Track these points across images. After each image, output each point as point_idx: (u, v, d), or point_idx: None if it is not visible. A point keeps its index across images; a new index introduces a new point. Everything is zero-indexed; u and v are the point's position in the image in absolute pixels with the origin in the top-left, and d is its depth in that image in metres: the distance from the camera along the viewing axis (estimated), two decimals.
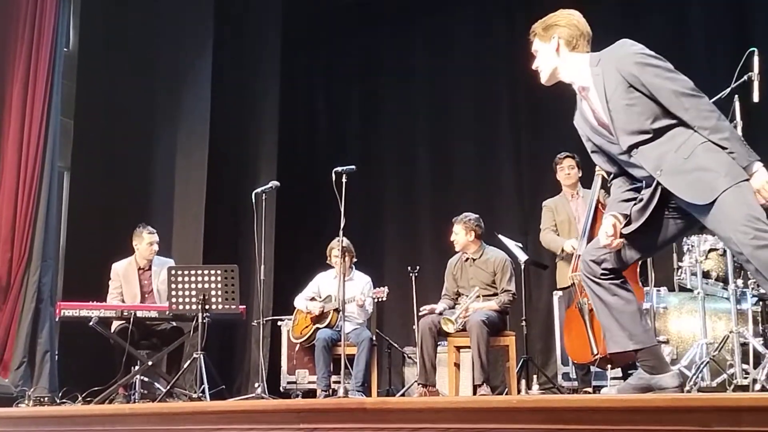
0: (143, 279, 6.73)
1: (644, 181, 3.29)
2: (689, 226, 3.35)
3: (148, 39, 8.48)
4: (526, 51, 8.67)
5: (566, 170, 6.15)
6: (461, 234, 6.23)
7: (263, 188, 6.28)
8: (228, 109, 8.49)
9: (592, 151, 3.49)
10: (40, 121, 6.99)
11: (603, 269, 3.30)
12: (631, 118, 3.20)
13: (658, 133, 3.17)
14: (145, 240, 6.68)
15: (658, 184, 3.19)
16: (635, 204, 3.30)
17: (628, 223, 3.29)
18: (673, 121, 3.17)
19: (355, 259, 6.82)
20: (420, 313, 6.05)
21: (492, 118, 8.66)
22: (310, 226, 8.40)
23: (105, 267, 6.77)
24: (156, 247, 6.72)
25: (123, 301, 6.59)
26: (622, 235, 3.28)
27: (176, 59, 8.49)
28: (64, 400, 6.10)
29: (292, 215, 8.42)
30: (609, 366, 5.40)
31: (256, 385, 5.98)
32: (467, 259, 6.26)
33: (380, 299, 6.62)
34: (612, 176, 3.48)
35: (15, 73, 7.10)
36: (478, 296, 6.03)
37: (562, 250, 5.94)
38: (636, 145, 3.21)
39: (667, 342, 5.00)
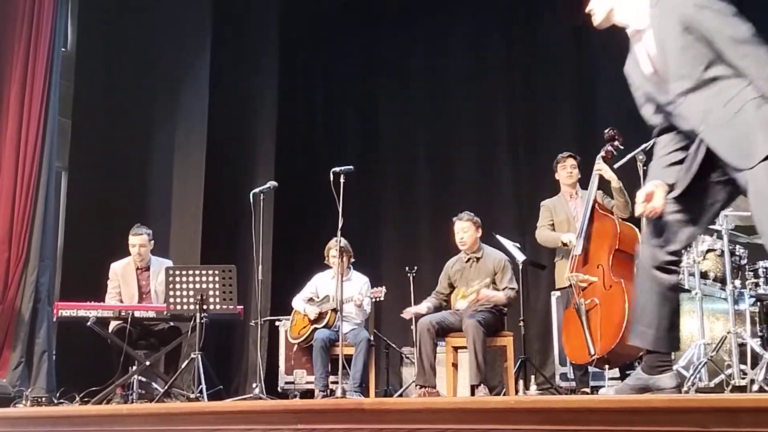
0: (141, 279, 6.71)
1: (691, 137, 3.14)
2: (736, 193, 3.17)
3: (147, 39, 8.48)
4: (525, 51, 8.70)
5: (568, 169, 6.15)
6: (470, 231, 6.20)
7: (261, 188, 6.27)
8: (226, 109, 8.49)
9: (641, 105, 3.35)
10: (38, 121, 6.99)
11: (668, 253, 3.17)
12: (683, 62, 3.07)
13: (709, 83, 3.03)
14: (130, 242, 6.65)
15: (702, 141, 3.04)
16: (682, 165, 3.14)
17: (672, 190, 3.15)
18: (728, 72, 3.02)
19: (352, 260, 6.82)
20: (402, 315, 6.04)
21: (490, 119, 8.66)
22: (308, 226, 8.39)
23: (103, 267, 6.76)
24: (140, 251, 6.62)
25: (121, 301, 6.58)
26: (681, 205, 3.10)
27: (175, 59, 8.49)
28: (61, 401, 6.09)
29: (291, 215, 8.41)
30: (606, 366, 5.40)
31: (254, 385, 5.97)
32: (468, 259, 6.24)
33: (378, 299, 6.62)
34: (658, 132, 3.33)
35: (13, 73, 7.11)
36: (487, 285, 6.01)
37: (562, 243, 5.93)
38: (684, 93, 3.07)
39: None
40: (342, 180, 5.40)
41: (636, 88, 3.35)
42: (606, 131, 5.87)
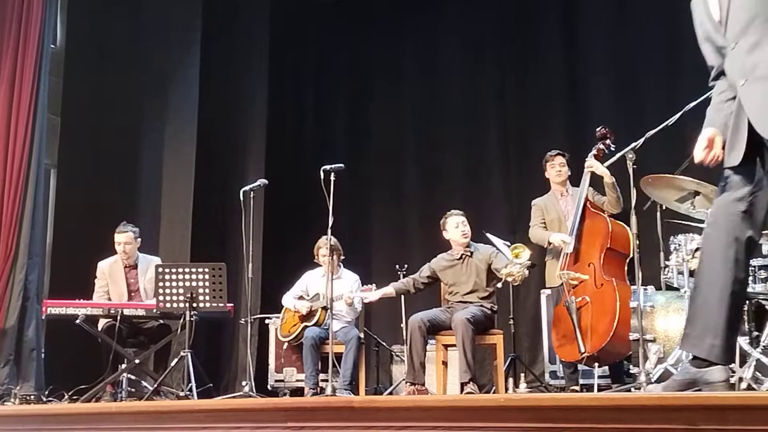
0: (129, 277, 6.69)
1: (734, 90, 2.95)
2: None
3: (136, 36, 8.44)
4: (516, 49, 8.69)
5: (557, 167, 6.16)
6: (468, 227, 6.23)
7: (251, 186, 6.26)
8: (216, 106, 8.47)
9: (702, 40, 3.15)
10: (27, 118, 6.94)
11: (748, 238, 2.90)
12: (749, 2, 2.89)
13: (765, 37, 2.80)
14: (116, 240, 6.62)
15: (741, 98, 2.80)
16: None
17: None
18: None
19: (342, 257, 6.81)
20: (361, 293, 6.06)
21: (480, 117, 8.67)
22: (298, 224, 8.38)
23: (92, 264, 6.74)
24: (125, 248, 6.60)
25: (109, 300, 6.56)
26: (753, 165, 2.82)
27: (164, 56, 8.46)
28: (50, 399, 6.07)
29: (281, 213, 8.40)
30: (596, 364, 5.42)
31: (244, 383, 5.97)
32: (461, 255, 6.22)
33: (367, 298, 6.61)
34: (715, 74, 3.13)
35: (1, 70, 7.06)
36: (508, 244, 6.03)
37: (548, 243, 5.95)
38: (740, 35, 2.89)
39: (653, 340, 5.02)
40: (332, 178, 5.40)
41: (699, 23, 3.17)
42: (598, 129, 5.89)
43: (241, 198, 6.19)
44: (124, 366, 6.28)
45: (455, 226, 6.21)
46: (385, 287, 6.31)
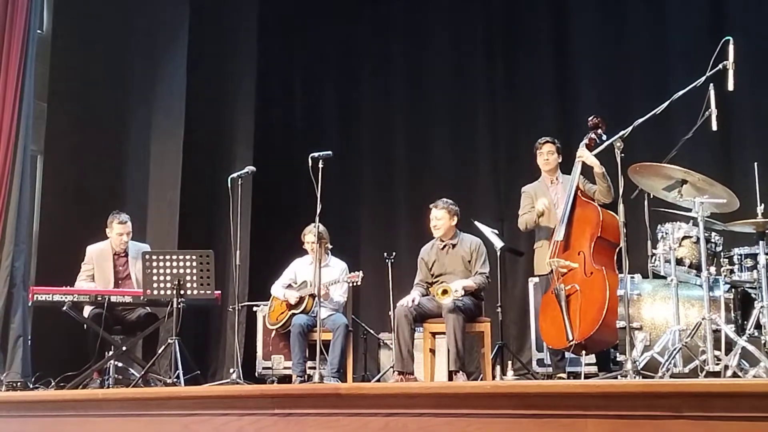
0: (118, 264, 6.67)
1: None
2: None
3: (123, 22, 8.38)
4: (505, 37, 8.66)
5: (545, 155, 6.14)
6: (444, 219, 6.19)
7: (239, 173, 6.24)
8: (204, 92, 8.43)
9: None
10: (13, 104, 6.89)
11: None
12: None
13: None
14: (115, 230, 6.62)
15: None
16: None
17: None
18: None
19: (329, 246, 6.80)
20: (399, 305, 6.03)
21: (469, 105, 8.66)
22: (286, 211, 8.36)
23: (78, 251, 6.71)
24: (126, 238, 6.63)
25: (94, 284, 6.53)
26: None
27: (152, 43, 8.41)
28: (37, 386, 6.06)
29: (268, 200, 8.38)
30: (583, 352, 5.44)
31: (231, 370, 5.95)
32: (444, 246, 6.24)
33: (355, 284, 6.61)
34: None
35: None
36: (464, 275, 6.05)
37: (539, 217, 5.93)
38: None
39: (640, 328, 5.03)
40: (320, 165, 5.38)
41: None
42: (590, 118, 5.89)
43: (229, 185, 6.16)
44: (111, 353, 6.26)
45: (430, 220, 6.25)
46: (411, 295, 6.18)
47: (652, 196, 4.93)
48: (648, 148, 6.13)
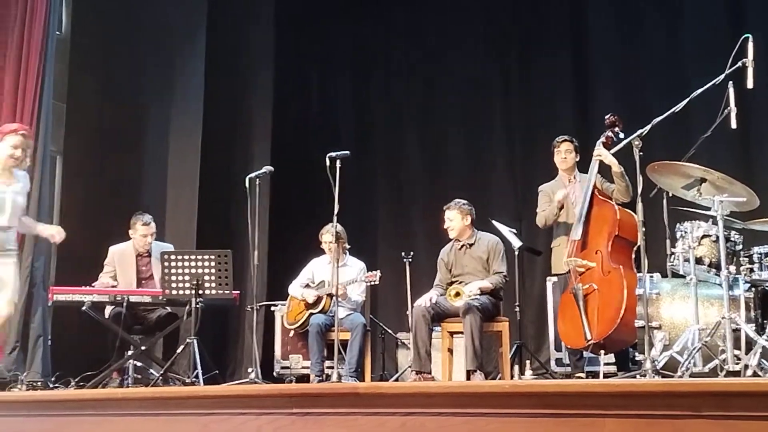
0: (141, 265, 6.71)
1: None
2: None
3: (141, 22, 8.42)
4: (521, 33, 8.57)
5: (563, 154, 6.12)
6: (456, 220, 6.21)
7: (257, 173, 6.25)
8: (222, 92, 8.45)
9: None
10: (33, 104, 6.94)
11: None
12: None
13: None
14: (139, 231, 6.67)
15: None
16: None
17: None
18: None
19: (347, 246, 6.80)
20: (416, 305, 6.03)
21: (486, 102, 8.65)
22: (304, 211, 8.37)
23: (98, 251, 6.75)
24: (149, 239, 6.68)
25: (115, 282, 6.57)
26: None
27: (170, 42, 8.44)
28: (56, 385, 6.09)
29: (286, 200, 8.40)
30: (602, 351, 5.42)
31: (250, 370, 5.98)
32: (462, 246, 6.24)
33: (372, 283, 6.61)
34: None
35: (7, 57, 7.06)
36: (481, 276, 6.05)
37: (558, 210, 5.91)
38: None
39: (659, 328, 5.00)
40: (338, 165, 5.38)
41: None
42: (607, 117, 5.87)
43: (247, 185, 6.18)
44: (130, 353, 6.29)
45: (444, 222, 6.25)
46: (429, 294, 6.18)
47: (671, 195, 4.90)
48: (667, 147, 6.10)
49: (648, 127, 4.80)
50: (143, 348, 6.29)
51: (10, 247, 5.45)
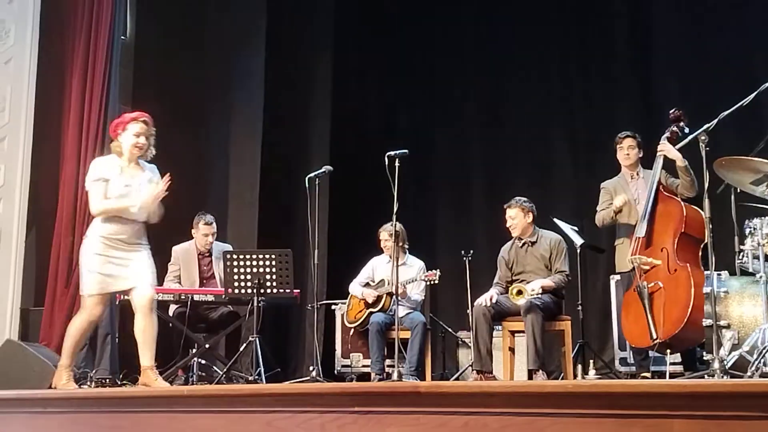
0: (202, 264, 6.83)
1: None
2: None
3: (203, 26, 8.55)
4: (581, 27, 8.45)
5: (626, 150, 6.03)
6: (519, 217, 6.17)
7: (317, 173, 6.29)
8: (281, 94, 8.52)
9: None
10: (99, 108, 7.11)
11: None
12: None
13: None
14: (201, 231, 6.80)
15: None
16: None
17: None
18: None
19: (406, 245, 6.79)
20: (476, 303, 6.00)
21: (547, 98, 8.55)
22: (363, 210, 8.39)
23: (162, 251, 6.84)
24: (211, 239, 6.82)
25: (180, 285, 6.68)
26: None
27: (230, 43, 8.56)
28: (124, 382, 6.22)
29: (346, 199, 8.42)
30: (668, 351, 5.31)
31: (311, 368, 6.02)
32: (523, 244, 6.19)
33: (432, 282, 6.60)
34: None
35: (75, 63, 7.24)
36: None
37: (616, 214, 5.82)
38: None
39: (728, 327, 4.88)
40: (397, 164, 5.38)
41: None
42: (671, 112, 5.76)
43: (307, 185, 6.23)
44: (194, 351, 6.40)
45: (506, 221, 6.21)
46: (490, 293, 6.16)
47: (739, 191, 4.78)
48: (734, 141, 5.94)
49: (715, 121, 4.70)
50: (207, 346, 6.38)
51: (141, 241, 5.32)
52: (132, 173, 5.24)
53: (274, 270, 6.05)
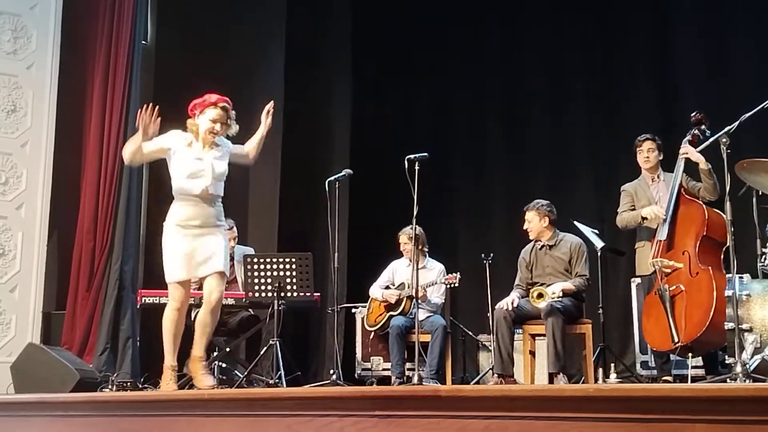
0: None
1: None
2: None
3: (224, 32, 8.59)
4: (602, 27, 8.39)
5: (645, 153, 6.00)
6: (535, 221, 6.17)
7: (337, 176, 6.30)
8: (301, 98, 8.54)
9: None
10: (120, 112, 7.16)
11: None
12: None
13: None
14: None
15: None
16: None
17: None
18: None
19: (426, 248, 6.79)
20: (497, 307, 5.99)
21: (567, 102, 8.52)
22: (383, 213, 8.39)
23: None
24: (232, 243, 6.80)
25: (201, 288, 6.70)
26: None
27: (251, 48, 8.59)
28: (145, 385, 6.25)
29: (366, 203, 8.43)
30: (690, 354, 5.28)
31: (331, 371, 6.03)
32: (542, 246, 6.18)
33: (452, 285, 6.59)
34: None
35: (96, 67, 7.31)
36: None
37: (642, 219, 5.79)
38: None
39: (750, 330, 4.83)
40: (416, 167, 5.38)
41: None
42: (693, 114, 5.73)
43: (327, 188, 6.24)
44: (215, 354, 6.42)
45: (524, 224, 6.20)
46: (510, 297, 6.14)
47: (760, 193, 4.75)
48: (755, 144, 5.90)
49: (736, 123, 4.67)
50: (228, 350, 6.41)
51: (219, 222, 5.16)
52: (203, 150, 5.21)
53: (294, 273, 6.06)
